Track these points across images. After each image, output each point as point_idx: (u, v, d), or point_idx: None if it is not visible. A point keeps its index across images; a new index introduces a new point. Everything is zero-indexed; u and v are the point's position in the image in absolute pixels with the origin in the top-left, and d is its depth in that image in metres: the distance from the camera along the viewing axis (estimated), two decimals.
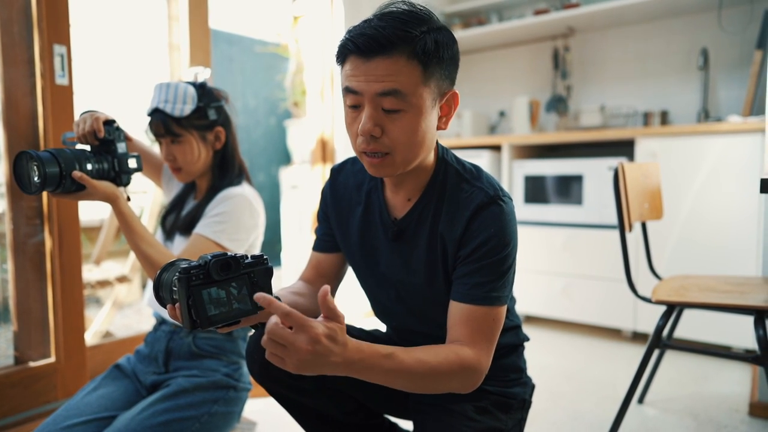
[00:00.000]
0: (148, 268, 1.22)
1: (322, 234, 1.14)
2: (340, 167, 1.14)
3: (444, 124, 0.94)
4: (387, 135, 0.87)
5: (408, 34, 0.83)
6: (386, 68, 0.83)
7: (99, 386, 1.35)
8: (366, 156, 0.89)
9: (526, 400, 1.11)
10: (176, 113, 1.32)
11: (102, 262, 2.60)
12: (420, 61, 0.84)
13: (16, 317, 1.66)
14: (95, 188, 1.15)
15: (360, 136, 0.88)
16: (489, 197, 0.93)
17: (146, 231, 1.22)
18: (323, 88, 2.92)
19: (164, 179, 1.55)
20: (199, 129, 1.36)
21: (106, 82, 3.39)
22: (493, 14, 3.38)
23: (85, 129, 1.20)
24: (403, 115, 0.86)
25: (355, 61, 0.85)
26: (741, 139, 2.23)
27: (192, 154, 1.36)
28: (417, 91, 0.85)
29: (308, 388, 1.04)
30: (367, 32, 0.83)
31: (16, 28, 1.61)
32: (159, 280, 0.82)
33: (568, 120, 3.18)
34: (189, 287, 0.73)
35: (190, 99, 1.34)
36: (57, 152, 1.11)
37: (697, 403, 1.89)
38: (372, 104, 0.85)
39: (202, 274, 0.74)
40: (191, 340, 1.39)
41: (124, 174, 1.23)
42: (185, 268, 0.73)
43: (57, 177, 1.10)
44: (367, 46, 0.83)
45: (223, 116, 1.41)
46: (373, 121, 0.86)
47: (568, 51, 3.17)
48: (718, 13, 2.72)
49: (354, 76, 0.85)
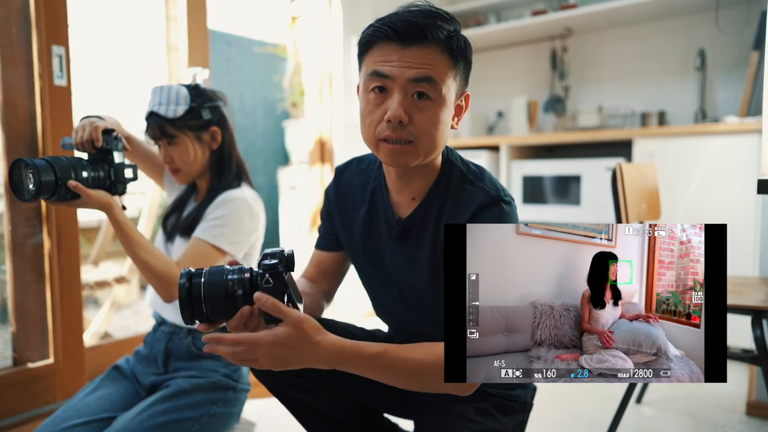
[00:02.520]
0: (147, 274, 1.22)
1: (324, 232, 1.14)
2: (345, 167, 1.14)
3: (456, 123, 0.95)
4: (413, 123, 0.88)
5: (442, 28, 0.86)
6: (422, 57, 0.86)
7: (98, 387, 1.34)
8: (387, 143, 0.90)
9: (527, 403, 1.11)
10: (170, 114, 1.33)
11: (100, 263, 2.59)
12: (451, 55, 0.88)
13: (15, 318, 1.66)
14: (90, 197, 1.15)
15: (384, 122, 0.88)
16: (491, 198, 0.93)
17: (143, 237, 1.22)
18: (322, 89, 2.92)
19: (166, 180, 1.55)
20: (194, 129, 1.37)
21: (105, 83, 3.38)
22: (491, 15, 3.39)
23: (83, 137, 1.20)
24: (431, 105, 0.88)
25: (389, 47, 0.87)
26: (738, 139, 2.24)
27: (188, 154, 1.36)
28: (447, 82, 0.88)
29: (309, 386, 1.04)
30: (407, 18, 0.85)
31: (15, 29, 1.61)
32: (190, 298, 0.77)
33: (566, 120, 3.18)
34: (284, 281, 0.78)
35: (183, 100, 1.35)
36: (53, 160, 1.11)
37: (694, 403, 1.90)
38: (403, 90, 0.87)
39: (285, 267, 0.79)
40: (190, 341, 1.39)
41: (120, 183, 1.23)
42: (270, 264, 0.78)
43: (52, 185, 1.10)
44: (406, 31, 0.85)
45: (218, 116, 1.41)
46: (403, 108, 0.87)
47: (565, 52, 3.18)
48: (716, 14, 2.73)
49: (387, 62, 0.87)
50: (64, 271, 1.69)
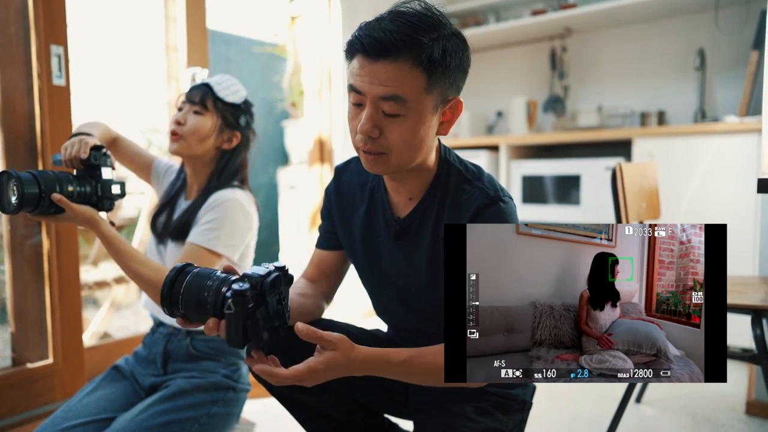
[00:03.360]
0: (141, 284, 1.21)
1: (325, 231, 1.14)
2: (345, 166, 1.14)
3: (445, 130, 0.94)
4: (385, 137, 0.87)
5: (415, 40, 0.83)
6: (390, 73, 0.84)
7: (97, 388, 1.34)
8: (363, 153, 0.91)
9: (527, 402, 1.11)
10: (220, 94, 1.38)
11: (99, 263, 2.59)
12: (425, 69, 0.84)
13: (14, 318, 1.66)
14: (74, 212, 1.13)
15: (359, 134, 0.89)
16: (490, 198, 0.93)
17: (133, 249, 1.20)
18: (321, 89, 2.92)
19: (153, 177, 1.54)
20: (224, 119, 1.39)
21: (104, 83, 3.38)
22: (491, 14, 3.38)
23: (72, 153, 1.19)
24: (402, 120, 0.86)
25: (362, 61, 0.86)
26: (737, 139, 2.24)
27: (203, 130, 1.36)
28: (419, 98, 0.85)
29: (311, 389, 1.03)
30: (375, 34, 0.83)
31: (13, 28, 1.60)
32: (170, 292, 0.80)
33: (566, 120, 3.18)
34: (246, 311, 0.74)
35: (239, 96, 1.42)
36: (39, 174, 1.10)
37: (694, 402, 1.90)
38: (373, 106, 0.86)
39: (257, 295, 0.75)
40: (189, 342, 1.39)
41: (107, 199, 1.22)
42: (239, 290, 0.73)
43: (35, 198, 1.09)
44: (373, 48, 0.83)
45: (248, 130, 1.46)
46: (372, 122, 0.86)
47: (565, 51, 3.18)
48: (715, 14, 2.73)
49: (359, 76, 0.86)
50: (64, 271, 1.69)
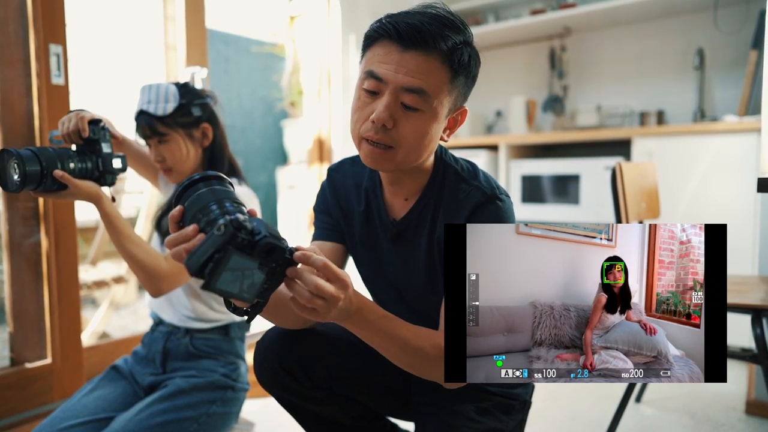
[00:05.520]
0: (134, 267, 1.21)
1: (322, 223, 1.11)
2: (338, 166, 1.13)
3: (446, 137, 0.93)
4: (397, 129, 0.85)
5: (449, 39, 0.83)
6: (420, 64, 0.82)
7: (96, 387, 1.34)
8: (367, 143, 0.88)
9: (527, 401, 1.11)
10: (159, 112, 1.32)
11: (98, 262, 2.59)
12: (452, 68, 0.84)
13: (12, 318, 1.66)
14: (77, 187, 1.13)
15: (368, 122, 0.86)
16: (486, 196, 0.93)
17: (131, 231, 1.21)
18: (320, 88, 2.92)
19: (161, 180, 1.54)
20: (185, 126, 1.36)
21: (103, 82, 3.37)
22: (490, 14, 3.38)
23: (69, 128, 1.18)
24: (420, 115, 0.85)
25: (390, 47, 0.84)
26: (737, 138, 2.24)
27: (180, 152, 1.35)
28: (440, 96, 0.85)
29: (319, 397, 1.02)
30: (411, 21, 0.82)
31: (12, 27, 1.60)
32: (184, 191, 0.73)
33: (565, 120, 3.18)
34: (226, 244, 0.64)
35: (172, 97, 1.34)
36: (39, 151, 1.09)
37: (694, 402, 1.90)
38: (393, 95, 0.84)
39: (247, 242, 0.65)
40: (188, 341, 1.39)
41: (108, 174, 1.21)
42: (238, 221, 0.64)
43: (38, 175, 1.08)
44: (408, 34, 0.81)
45: (208, 113, 1.40)
46: (389, 112, 0.84)
47: (564, 51, 3.18)
48: (714, 13, 2.73)
49: (384, 63, 0.84)
50: (62, 270, 1.68)
